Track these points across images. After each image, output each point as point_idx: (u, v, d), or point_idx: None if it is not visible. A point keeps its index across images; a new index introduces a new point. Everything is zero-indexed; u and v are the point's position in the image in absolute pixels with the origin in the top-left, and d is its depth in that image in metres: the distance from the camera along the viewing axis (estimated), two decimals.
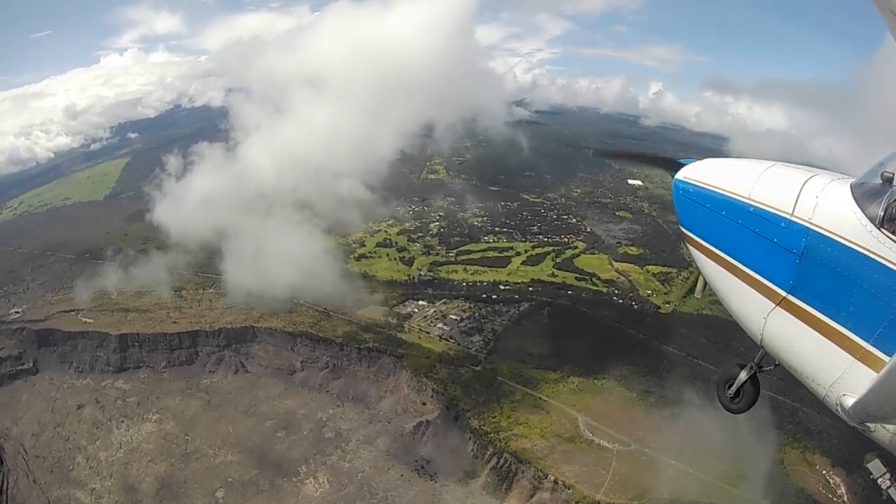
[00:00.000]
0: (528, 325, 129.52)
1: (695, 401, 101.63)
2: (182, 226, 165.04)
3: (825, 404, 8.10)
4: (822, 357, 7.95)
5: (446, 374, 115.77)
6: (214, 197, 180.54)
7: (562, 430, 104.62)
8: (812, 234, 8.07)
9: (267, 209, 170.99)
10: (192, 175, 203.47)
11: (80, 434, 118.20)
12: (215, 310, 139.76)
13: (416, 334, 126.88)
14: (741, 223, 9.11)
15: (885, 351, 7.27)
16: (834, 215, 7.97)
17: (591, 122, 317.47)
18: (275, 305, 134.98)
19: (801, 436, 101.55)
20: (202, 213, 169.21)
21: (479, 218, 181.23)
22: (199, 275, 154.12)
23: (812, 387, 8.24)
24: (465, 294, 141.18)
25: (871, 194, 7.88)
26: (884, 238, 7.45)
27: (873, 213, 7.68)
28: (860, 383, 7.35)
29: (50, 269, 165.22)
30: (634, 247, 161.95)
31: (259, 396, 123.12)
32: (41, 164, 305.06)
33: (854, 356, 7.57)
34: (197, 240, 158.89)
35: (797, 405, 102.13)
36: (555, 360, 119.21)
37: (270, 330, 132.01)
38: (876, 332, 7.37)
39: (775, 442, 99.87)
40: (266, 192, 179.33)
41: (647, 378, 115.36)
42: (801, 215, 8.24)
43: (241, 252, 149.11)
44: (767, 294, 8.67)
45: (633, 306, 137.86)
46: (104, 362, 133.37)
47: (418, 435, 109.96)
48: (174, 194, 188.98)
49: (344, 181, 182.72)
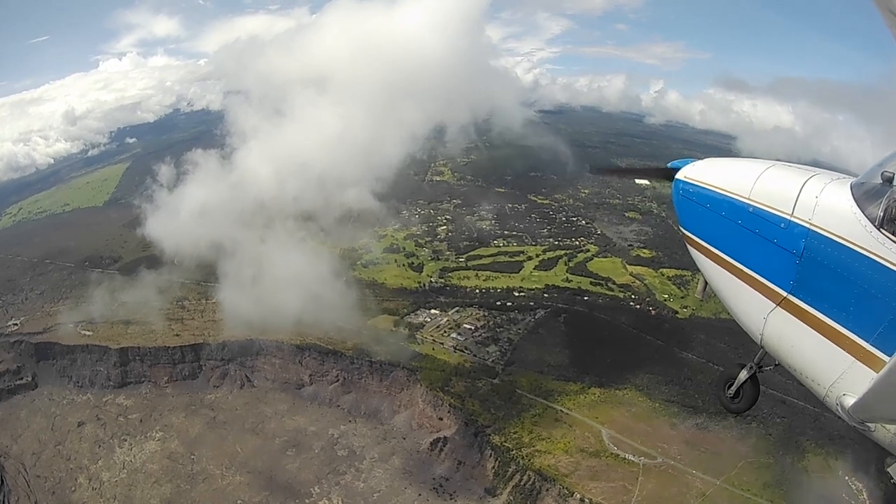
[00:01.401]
0: (545, 333, 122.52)
1: (718, 409, 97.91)
2: (175, 241, 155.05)
3: (825, 404, 7.90)
4: (822, 357, 7.74)
5: (463, 388, 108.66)
6: (210, 209, 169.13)
7: (586, 445, 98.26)
8: (812, 235, 7.88)
9: (266, 222, 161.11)
10: (187, 186, 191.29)
11: (82, 453, 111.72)
12: (218, 321, 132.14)
13: (429, 345, 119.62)
14: (741, 223, 8.89)
15: (884, 351, 7.08)
16: (834, 215, 7.75)
17: (593, 120, 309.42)
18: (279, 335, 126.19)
19: (824, 442, 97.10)
20: (196, 227, 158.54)
21: (487, 221, 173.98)
22: (202, 284, 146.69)
23: (812, 387, 8.03)
24: (479, 301, 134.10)
25: (871, 194, 7.69)
26: (883, 238, 7.25)
27: (873, 213, 7.47)
28: (860, 383, 7.16)
29: (49, 277, 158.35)
30: (647, 249, 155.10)
31: (266, 413, 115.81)
32: (40, 170, 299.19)
33: (854, 356, 7.37)
34: (192, 257, 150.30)
35: (818, 411, 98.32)
36: (575, 371, 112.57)
37: (277, 342, 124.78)
38: (876, 333, 7.17)
39: (799, 449, 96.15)
40: (266, 203, 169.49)
41: (669, 387, 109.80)
42: (800, 215, 8.04)
43: (238, 276, 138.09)
44: (768, 294, 8.44)
45: (650, 312, 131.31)
46: (104, 377, 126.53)
47: (435, 452, 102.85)
48: (168, 206, 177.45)
49: (350, 190, 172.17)
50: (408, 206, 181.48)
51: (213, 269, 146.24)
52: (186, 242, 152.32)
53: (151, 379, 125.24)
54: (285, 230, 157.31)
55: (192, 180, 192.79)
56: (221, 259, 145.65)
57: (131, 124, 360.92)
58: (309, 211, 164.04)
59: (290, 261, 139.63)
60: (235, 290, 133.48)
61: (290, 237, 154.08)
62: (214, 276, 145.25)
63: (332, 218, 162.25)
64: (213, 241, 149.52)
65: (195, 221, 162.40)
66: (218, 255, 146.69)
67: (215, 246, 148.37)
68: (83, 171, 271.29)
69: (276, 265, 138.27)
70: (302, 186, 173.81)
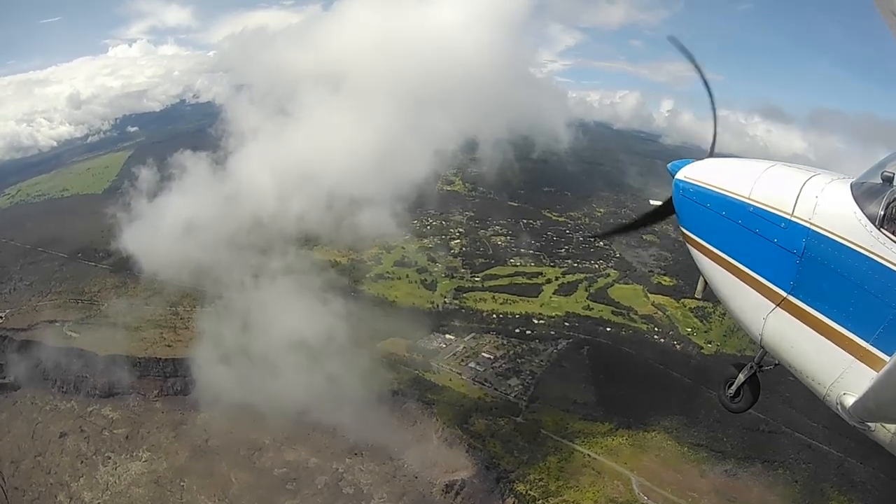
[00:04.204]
0: (569, 367, 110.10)
1: (746, 455, 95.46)
2: (153, 260, 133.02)
3: (825, 403, 7.70)
4: (822, 357, 7.52)
5: (484, 426, 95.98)
6: (196, 226, 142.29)
7: (616, 494, 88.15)
8: (812, 235, 7.61)
9: (264, 246, 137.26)
10: (171, 196, 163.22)
11: (63, 468, 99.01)
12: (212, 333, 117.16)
13: (445, 375, 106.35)
14: (741, 223, 8.53)
15: (884, 351, 6.89)
16: (834, 215, 7.50)
17: (605, 138, 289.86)
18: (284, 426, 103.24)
19: (847, 488, 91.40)
20: (175, 249, 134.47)
21: (502, 237, 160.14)
22: (196, 289, 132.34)
23: (812, 386, 7.82)
24: (497, 328, 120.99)
25: (872, 194, 7.44)
26: (884, 238, 7.03)
27: (873, 213, 7.23)
28: (860, 383, 6.98)
29: (39, 267, 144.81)
30: (667, 276, 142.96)
31: (264, 440, 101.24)
32: (43, 151, 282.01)
33: (854, 356, 7.17)
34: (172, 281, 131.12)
35: (842, 456, 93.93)
36: (601, 410, 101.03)
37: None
38: (876, 332, 6.98)
39: (823, 496, 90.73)
40: (264, 220, 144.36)
41: (697, 429, 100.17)
42: (801, 215, 7.76)
43: (218, 341, 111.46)
44: (767, 294, 8.13)
45: (675, 346, 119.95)
46: (90, 384, 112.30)
47: (451, 496, 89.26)
48: (147, 218, 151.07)
49: (365, 211, 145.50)
50: (418, 216, 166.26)
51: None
52: (165, 264, 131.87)
53: (140, 391, 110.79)
54: (286, 262, 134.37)
55: (178, 188, 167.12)
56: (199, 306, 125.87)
57: (136, 112, 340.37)
58: (314, 233, 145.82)
59: (291, 318, 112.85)
60: (214, 363, 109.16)
61: (293, 277, 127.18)
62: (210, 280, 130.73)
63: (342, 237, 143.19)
64: (196, 269, 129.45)
65: (176, 241, 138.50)
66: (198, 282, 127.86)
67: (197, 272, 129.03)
68: (85, 157, 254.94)
69: (271, 323, 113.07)
70: (308, 203, 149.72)
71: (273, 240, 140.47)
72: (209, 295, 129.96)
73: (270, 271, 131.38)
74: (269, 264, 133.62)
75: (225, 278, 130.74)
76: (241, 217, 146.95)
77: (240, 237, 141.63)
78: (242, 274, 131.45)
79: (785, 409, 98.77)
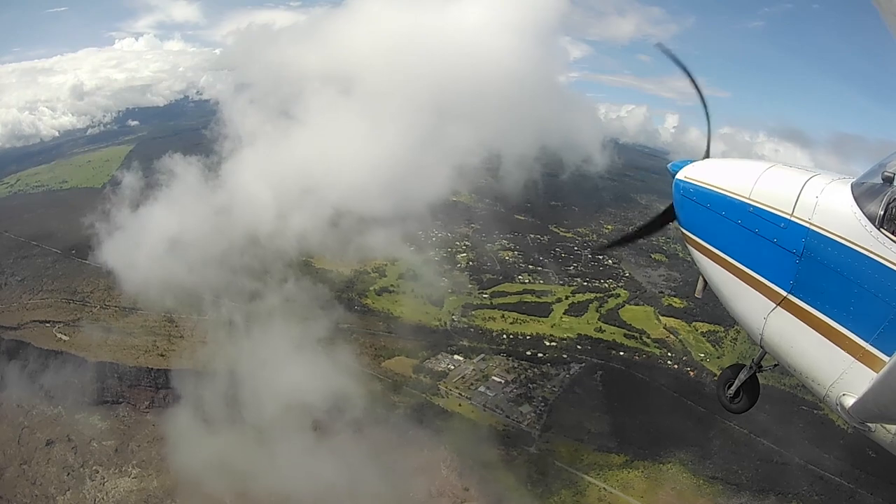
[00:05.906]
0: (583, 393, 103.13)
1: (761, 487, 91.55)
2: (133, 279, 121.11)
3: (825, 404, 7.42)
4: (822, 357, 7.26)
5: (495, 456, 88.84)
6: (182, 243, 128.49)
7: None
8: (812, 234, 7.37)
9: (260, 271, 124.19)
10: (156, 207, 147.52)
11: (49, 479, 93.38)
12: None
13: (455, 400, 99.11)
14: (741, 223, 8.30)
15: (885, 351, 6.67)
16: (834, 215, 7.25)
17: (611, 153, 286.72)
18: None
19: None
20: (157, 268, 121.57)
21: (509, 252, 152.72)
22: (193, 294, 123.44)
23: (812, 386, 7.53)
24: (507, 349, 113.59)
25: (872, 194, 7.18)
26: (884, 238, 6.79)
27: (873, 212, 6.99)
28: (860, 383, 6.74)
29: (32, 262, 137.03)
30: (678, 298, 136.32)
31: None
32: (44, 141, 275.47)
33: (854, 356, 6.93)
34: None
35: (853, 487, 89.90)
36: (616, 441, 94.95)
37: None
38: (876, 332, 6.74)
39: None
40: (260, 239, 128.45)
41: (713, 461, 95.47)
42: (801, 215, 7.52)
43: (197, 408, 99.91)
44: (767, 294, 7.89)
45: (688, 372, 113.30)
46: (79, 391, 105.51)
47: None
48: (129, 232, 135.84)
49: (375, 233, 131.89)
50: (423, 227, 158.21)
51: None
52: (145, 284, 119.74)
53: (130, 401, 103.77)
54: (284, 294, 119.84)
55: (164, 198, 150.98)
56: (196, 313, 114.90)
57: (139, 106, 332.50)
58: (317, 253, 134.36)
59: (290, 377, 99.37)
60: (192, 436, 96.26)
61: (291, 324, 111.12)
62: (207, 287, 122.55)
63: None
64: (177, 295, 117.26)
65: (158, 260, 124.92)
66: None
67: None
68: (86, 148, 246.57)
69: (266, 385, 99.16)
70: (310, 221, 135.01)
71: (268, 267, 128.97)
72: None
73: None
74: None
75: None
76: (232, 234, 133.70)
77: (228, 260, 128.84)
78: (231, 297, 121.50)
79: (798, 440, 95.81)
